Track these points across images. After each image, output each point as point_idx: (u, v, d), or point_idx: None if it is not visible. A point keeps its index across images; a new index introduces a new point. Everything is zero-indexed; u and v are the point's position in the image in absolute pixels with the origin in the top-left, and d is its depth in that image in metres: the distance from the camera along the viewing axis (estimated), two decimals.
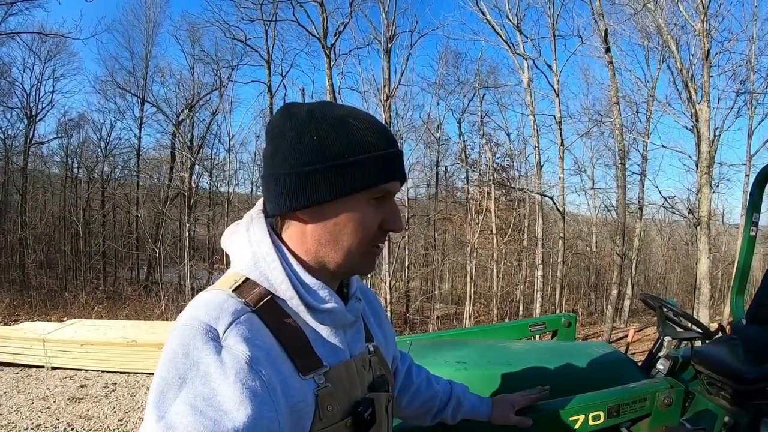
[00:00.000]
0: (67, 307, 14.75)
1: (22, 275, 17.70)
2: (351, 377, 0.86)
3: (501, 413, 1.42)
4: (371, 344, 0.99)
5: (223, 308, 0.74)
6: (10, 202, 19.57)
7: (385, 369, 1.01)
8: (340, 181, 0.80)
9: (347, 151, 0.79)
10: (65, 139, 21.48)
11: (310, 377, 0.78)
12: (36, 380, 6.83)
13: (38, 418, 5.52)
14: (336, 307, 0.85)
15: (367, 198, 0.83)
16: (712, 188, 19.31)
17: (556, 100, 13.75)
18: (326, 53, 16.74)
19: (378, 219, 0.85)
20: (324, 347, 0.83)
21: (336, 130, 0.80)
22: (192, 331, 0.71)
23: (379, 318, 1.11)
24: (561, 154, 13.89)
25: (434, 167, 23.99)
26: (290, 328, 0.80)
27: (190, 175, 19.19)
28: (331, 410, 0.79)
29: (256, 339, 0.73)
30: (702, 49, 13.94)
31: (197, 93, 20.52)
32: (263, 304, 0.78)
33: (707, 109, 14.04)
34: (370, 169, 0.81)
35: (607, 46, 13.29)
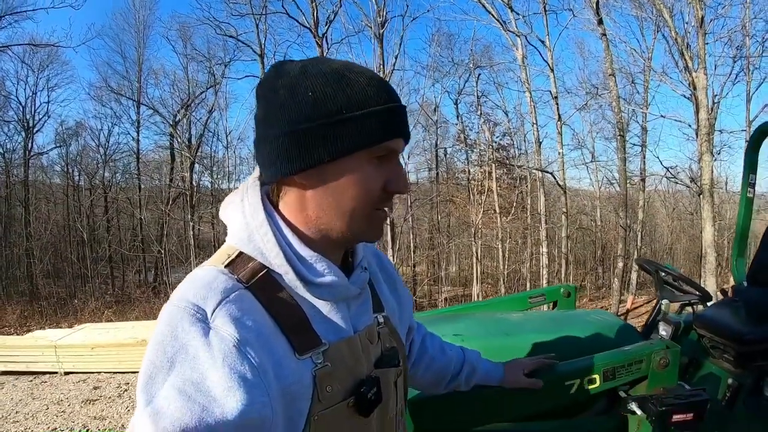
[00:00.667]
0: (77, 314, 14.89)
1: (30, 286, 17.85)
2: (355, 354, 0.81)
3: (512, 377, 1.41)
4: (381, 314, 0.93)
5: (212, 286, 0.70)
6: (14, 215, 19.72)
7: (396, 340, 0.95)
8: (339, 139, 0.73)
9: (346, 106, 0.73)
10: (64, 148, 21.61)
11: (308, 357, 0.74)
12: (50, 386, 6.92)
13: (54, 422, 5.61)
14: (335, 281, 0.80)
15: (368, 157, 0.76)
16: (713, 156, 19.28)
17: (551, 75, 13.66)
18: (318, 43, 16.68)
19: (381, 180, 0.78)
20: (324, 324, 0.79)
21: (332, 85, 0.74)
22: (180, 312, 0.67)
23: (393, 284, 1.05)
24: (559, 129, 13.83)
25: (433, 150, 23.93)
26: (286, 305, 0.75)
27: (190, 175, 19.25)
28: (330, 391, 0.75)
29: (246, 319, 0.69)
30: (696, 16, 13.80)
31: (192, 92, 20.55)
32: (257, 279, 0.74)
33: (704, 77, 13.90)
34: (371, 125, 0.74)
35: (600, 17, 13.17)
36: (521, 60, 14.91)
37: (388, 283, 1.04)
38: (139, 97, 20.77)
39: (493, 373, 1.39)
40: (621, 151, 13.75)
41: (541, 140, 16.06)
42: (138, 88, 20.78)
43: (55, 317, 14.22)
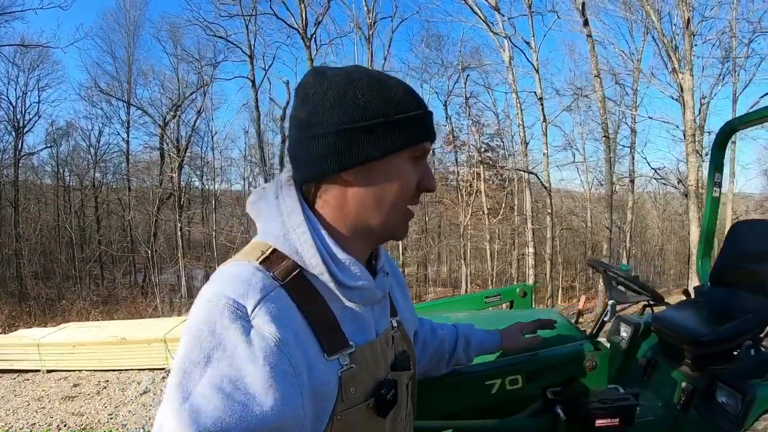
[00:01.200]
0: (65, 314, 14.90)
1: (20, 286, 17.84)
2: (376, 357, 0.83)
3: (510, 342, 1.45)
4: (395, 319, 0.95)
5: (252, 283, 0.70)
6: (4, 216, 19.68)
7: (407, 344, 0.98)
8: (387, 138, 0.79)
9: (390, 109, 0.79)
10: (54, 148, 21.61)
11: (335, 358, 0.75)
12: (32, 383, 6.99)
13: (33, 417, 5.70)
14: (366, 284, 0.82)
15: (409, 156, 0.82)
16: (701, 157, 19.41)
17: (536, 76, 13.77)
18: (306, 44, 16.74)
19: (416, 178, 0.84)
20: (351, 326, 0.80)
21: (377, 90, 0.80)
22: (218, 308, 0.67)
23: (402, 288, 1.09)
24: (544, 130, 13.94)
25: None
26: (318, 305, 0.76)
27: (178, 176, 19.26)
28: (353, 392, 0.77)
29: (285, 318, 0.70)
30: (682, 17, 13.92)
31: (182, 93, 20.56)
32: (292, 278, 0.75)
33: (690, 78, 14.01)
34: (412, 128, 0.80)
35: (585, 18, 13.29)
36: (508, 61, 15.02)
37: (399, 287, 1.07)
38: (129, 97, 20.82)
39: (490, 341, 1.43)
40: (607, 152, 13.87)
41: (527, 141, 16.14)
42: (128, 89, 20.84)
43: (43, 317, 14.25)
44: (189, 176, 22.01)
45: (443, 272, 25.89)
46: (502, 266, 21.69)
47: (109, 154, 22.44)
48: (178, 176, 19.33)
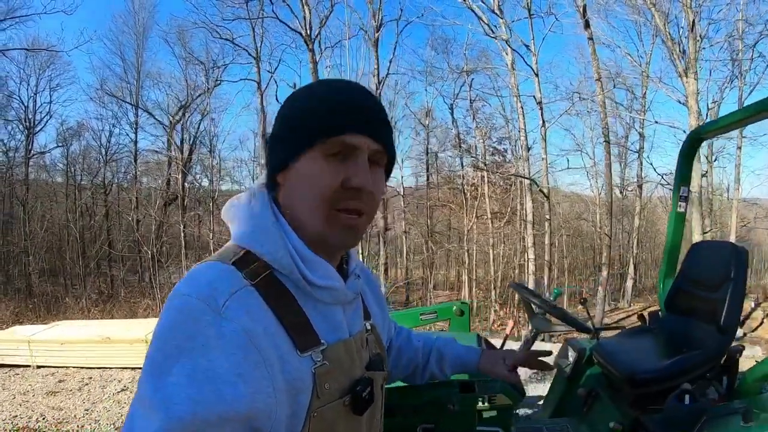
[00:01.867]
0: (67, 311, 15.21)
1: (26, 283, 18.22)
2: (350, 356, 0.84)
3: (489, 363, 1.36)
4: (369, 322, 0.97)
5: (223, 279, 0.72)
6: (14, 213, 20.11)
7: (380, 348, 1.00)
8: (292, 138, 0.79)
9: (303, 110, 0.80)
10: (65, 147, 22.00)
11: (308, 355, 0.76)
12: (21, 378, 7.20)
13: (16, 410, 5.90)
14: (336, 284, 0.83)
15: (324, 154, 0.78)
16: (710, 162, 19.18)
17: (535, 80, 13.73)
18: (309, 48, 16.85)
19: (337, 177, 0.78)
20: (323, 324, 0.81)
21: (299, 96, 0.82)
22: (190, 302, 0.68)
23: (376, 296, 1.11)
24: (543, 135, 13.88)
25: (426, 155, 24.09)
26: (289, 304, 0.77)
27: (182, 177, 19.50)
28: (328, 388, 0.78)
29: (254, 313, 0.71)
30: (687, 19, 13.76)
31: (190, 95, 20.82)
32: (263, 278, 0.76)
33: (694, 82, 13.82)
34: (319, 122, 0.78)
35: (586, 20, 13.21)
36: (510, 65, 14.99)
37: (373, 295, 1.09)
38: (138, 100, 21.14)
39: (467, 357, 1.37)
40: (607, 157, 13.78)
41: (530, 146, 16.07)
42: (136, 91, 21.18)
43: (48, 315, 14.51)
44: (197, 177, 22.29)
45: (451, 276, 25.84)
46: (506, 271, 21.61)
47: (119, 154, 22.80)
48: (182, 178, 19.56)
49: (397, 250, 24.28)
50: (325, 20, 17.17)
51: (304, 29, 16.85)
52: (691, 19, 13.64)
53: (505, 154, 23.86)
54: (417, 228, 23.89)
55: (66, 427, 5.35)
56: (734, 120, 2.43)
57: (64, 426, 5.37)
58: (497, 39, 14.15)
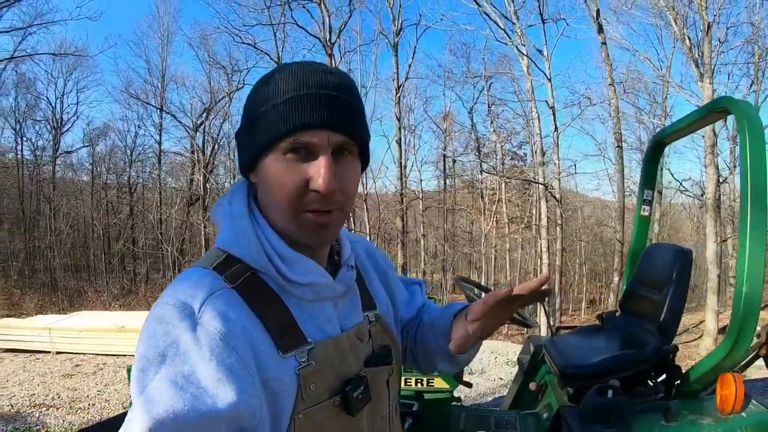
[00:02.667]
0: (89, 304, 15.75)
1: (51, 278, 18.89)
2: (341, 353, 0.80)
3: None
4: (372, 312, 0.91)
5: (200, 285, 0.72)
6: (40, 210, 20.86)
7: (389, 338, 0.94)
8: (251, 138, 0.76)
9: (261, 103, 0.74)
10: (91, 147, 22.74)
11: (291, 355, 0.74)
12: (41, 362, 7.63)
13: (35, 389, 6.32)
14: (318, 280, 0.80)
15: (283, 152, 0.73)
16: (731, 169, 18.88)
17: (548, 85, 13.80)
18: (328, 53, 17.15)
19: (298, 177, 0.73)
20: (310, 323, 0.78)
21: (259, 87, 0.77)
22: (169, 309, 0.69)
23: (387, 280, 1.04)
24: (556, 140, 13.94)
25: (444, 158, 24.24)
26: (271, 304, 0.75)
27: (204, 178, 19.95)
28: (314, 389, 0.75)
29: (231, 313, 0.70)
30: (702, 23, 13.66)
31: (213, 98, 21.30)
32: (243, 280, 0.75)
33: (709, 86, 13.71)
34: (273, 119, 0.72)
35: (599, 23, 13.24)
36: (525, 70, 15.05)
37: (381, 279, 1.02)
38: (162, 102, 21.69)
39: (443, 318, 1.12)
40: (619, 162, 13.76)
41: (545, 150, 16.09)
42: (161, 93, 21.75)
43: (70, 308, 15.02)
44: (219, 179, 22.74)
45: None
46: (522, 275, 21.62)
47: (143, 154, 23.45)
48: (203, 179, 20.02)
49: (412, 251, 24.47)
50: (343, 26, 17.47)
51: (322, 33, 17.14)
52: (706, 23, 13.56)
53: (525, 158, 23.90)
54: (434, 231, 24.04)
55: (78, 405, 5.70)
56: (690, 122, 2.48)
57: (76, 404, 5.72)
58: (510, 45, 14.26)
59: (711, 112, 2.29)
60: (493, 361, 7.08)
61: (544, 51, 13.88)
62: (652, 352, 2.22)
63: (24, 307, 15.01)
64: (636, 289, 2.64)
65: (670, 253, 2.46)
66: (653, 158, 2.94)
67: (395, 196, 19.80)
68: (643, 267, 2.68)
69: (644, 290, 2.56)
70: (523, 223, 20.99)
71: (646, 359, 2.22)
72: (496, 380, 6.46)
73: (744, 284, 1.82)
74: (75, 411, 5.53)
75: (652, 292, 2.47)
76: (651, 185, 2.95)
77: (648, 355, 2.21)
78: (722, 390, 1.91)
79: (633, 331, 2.47)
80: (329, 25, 17.24)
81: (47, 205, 20.33)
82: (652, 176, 2.95)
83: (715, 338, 12.64)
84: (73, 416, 5.38)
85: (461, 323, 0.97)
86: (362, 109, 0.81)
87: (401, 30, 19.18)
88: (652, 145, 2.94)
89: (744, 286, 1.83)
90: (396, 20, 18.92)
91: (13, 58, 17.69)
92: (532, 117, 16.47)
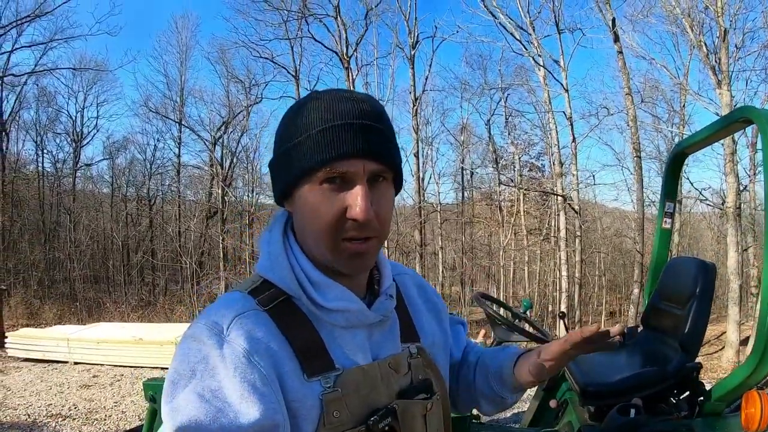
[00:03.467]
0: (107, 316, 15.89)
1: (70, 289, 19.14)
2: (371, 382, 0.79)
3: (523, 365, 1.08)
4: (414, 345, 0.89)
5: (231, 306, 0.75)
6: (60, 221, 21.19)
7: (433, 372, 0.91)
8: (285, 168, 0.77)
9: (295, 134, 0.76)
10: (111, 160, 23.14)
11: (316, 380, 0.74)
12: (59, 372, 7.68)
13: (52, 399, 6.33)
14: (350, 306, 0.80)
15: (319, 182, 0.74)
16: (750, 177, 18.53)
17: (565, 95, 13.72)
18: (344, 66, 17.27)
19: (336, 206, 0.74)
20: (339, 349, 0.79)
21: (292, 116, 0.78)
22: (201, 328, 0.72)
23: (437, 314, 1.03)
24: (573, 151, 13.84)
25: (461, 171, 24.16)
26: (302, 328, 0.77)
27: (222, 192, 20.11)
28: (338, 416, 0.74)
29: (257, 333, 0.73)
30: (719, 29, 13.48)
31: (232, 111, 21.53)
32: (276, 304, 0.77)
33: (727, 93, 13.50)
34: (308, 150, 0.74)
35: (615, 32, 13.14)
36: (542, 81, 15.00)
37: (432, 313, 1.01)
38: (181, 116, 21.98)
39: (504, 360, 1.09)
40: (638, 172, 13.59)
41: (563, 161, 15.96)
42: (180, 107, 22.05)
43: (89, 319, 15.16)
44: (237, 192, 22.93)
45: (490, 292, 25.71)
46: (542, 287, 21.40)
47: (163, 167, 23.75)
48: (221, 193, 20.18)
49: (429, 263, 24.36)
50: (360, 39, 17.59)
51: (339, 47, 17.26)
52: (723, 29, 13.37)
53: (543, 169, 23.74)
54: (452, 244, 23.93)
55: (95, 416, 5.69)
56: (711, 132, 2.42)
57: (93, 415, 5.71)
58: (526, 55, 14.24)
59: (732, 122, 2.23)
60: None
61: (560, 61, 13.84)
62: (675, 370, 2.15)
63: (43, 317, 15.20)
64: (658, 303, 2.56)
65: (693, 267, 2.37)
66: (674, 170, 2.87)
67: (413, 209, 19.76)
68: (665, 281, 2.60)
69: (666, 305, 2.48)
70: (541, 234, 20.84)
71: (668, 377, 2.15)
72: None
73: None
74: (91, 422, 5.52)
75: (675, 307, 2.40)
76: (672, 197, 2.89)
77: (671, 372, 2.15)
78: (747, 408, 1.82)
79: (655, 347, 2.42)
80: (346, 39, 17.39)
81: (67, 217, 20.65)
82: (673, 188, 2.90)
83: (737, 350, 12.33)
84: (89, 427, 5.38)
85: (532, 361, 0.97)
86: (394, 135, 0.81)
87: (417, 42, 19.27)
88: (672, 156, 2.86)
89: None
90: (412, 33, 19.01)
91: (34, 72, 18.20)
92: (549, 128, 16.38)
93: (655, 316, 2.58)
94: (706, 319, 2.27)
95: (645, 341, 2.55)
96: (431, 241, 22.89)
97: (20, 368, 7.91)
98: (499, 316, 2.38)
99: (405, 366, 0.85)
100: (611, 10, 13.11)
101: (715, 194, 19.00)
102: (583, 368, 2.36)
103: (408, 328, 0.92)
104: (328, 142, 0.72)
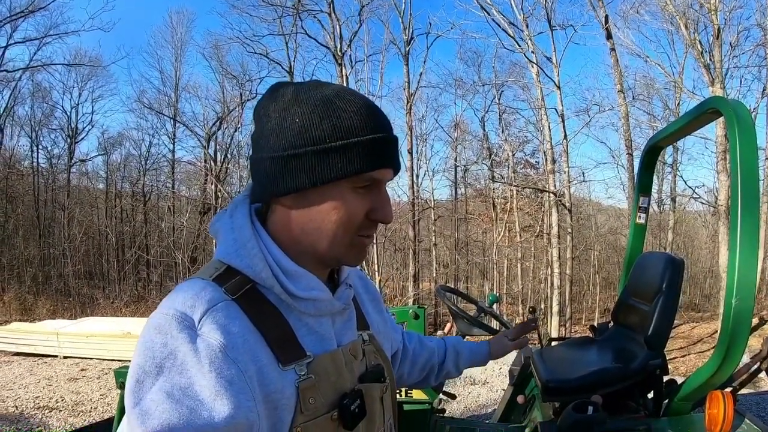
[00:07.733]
0: (99, 311, 15.94)
1: (63, 284, 19.17)
2: (338, 368, 0.82)
3: (498, 347, 1.41)
4: (366, 332, 0.94)
5: (200, 296, 0.72)
6: (55, 217, 21.18)
7: (381, 357, 0.96)
8: (320, 167, 0.75)
9: (330, 135, 0.75)
10: (106, 156, 23.12)
11: (291, 368, 0.75)
12: (48, 366, 7.76)
13: (40, 392, 6.43)
14: (321, 295, 0.82)
15: (352, 185, 0.78)
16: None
17: (557, 92, 13.75)
18: (337, 62, 17.26)
19: (364, 208, 0.80)
20: (308, 337, 0.80)
21: (319, 113, 0.76)
22: (168, 320, 0.68)
23: (377, 304, 1.08)
24: (565, 148, 13.87)
25: (455, 167, 24.20)
26: (271, 317, 0.76)
27: (215, 187, 20.12)
28: (313, 403, 0.76)
29: (232, 326, 0.71)
30: (713, 26, 13.50)
31: (226, 107, 21.52)
32: (244, 292, 0.75)
33: (721, 91, 13.54)
34: (355, 156, 0.75)
35: (607, 28, 13.16)
36: (535, 78, 15.02)
37: (373, 303, 1.06)
38: (175, 112, 21.97)
39: (479, 350, 1.39)
40: (630, 169, 13.64)
41: (555, 158, 15.99)
42: (174, 103, 22.03)
43: (82, 314, 15.20)
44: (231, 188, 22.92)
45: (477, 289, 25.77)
46: (534, 284, 21.46)
47: (157, 163, 23.72)
48: (214, 188, 20.19)
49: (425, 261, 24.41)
50: (354, 35, 17.58)
51: (333, 43, 17.25)
52: (717, 27, 13.40)
53: (538, 167, 23.78)
54: (445, 240, 23.97)
55: (81, 408, 5.79)
56: (682, 124, 2.36)
57: (79, 407, 5.81)
58: (519, 51, 14.26)
59: (702, 114, 2.14)
60: (497, 371, 7.02)
61: (553, 58, 13.85)
62: (638, 367, 2.10)
63: (37, 312, 15.22)
64: (627, 299, 2.53)
65: (660, 263, 2.32)
66: (648, 164, 2.81)
67: (407, 205, 19.80)
68: (634, 276, 2.57)
69: (634, 301, 2.45)
70: (535, 232, 20.88)
71: (631, 374, 2.10)
72: (499, 391, 6.39)
73: (734, 296, 1.68)
74: (77, 413, 5.61)
75: (642, 303, 2.36)
76: (647, 192, 2.83)
77: (633, 369, 2.10)
78: (710, 408, 1.78)
79: (622, 344, 2.37)
80: (340, 35, 17.39)
81: (62, 213, 20.63)
82: (647, 183, 2.83)
83: None
84: (75, 418, 5.46)
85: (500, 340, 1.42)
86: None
87: (412, 39, 19.26)
88: (646, 150, 2.81)
89: (734, 298, 1.68)
90: (407, 29, 19.00)
91: (29, 68, 18.20)
92: (542, 125, 16.40)
93: (624, 312, 2.54)
94: (672, 315, 2.23)
95: (613, 337, 2.52)
96: (425, 237, 22.93)
97: (11, 362, 7.99)
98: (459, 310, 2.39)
99: (360, 352, 0.90)
100: (603, 6, 13.11)
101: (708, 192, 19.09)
102: (548, 364, 2.34)
103: (360, 316, 0.96)
104: (378, 153, 0.77)
